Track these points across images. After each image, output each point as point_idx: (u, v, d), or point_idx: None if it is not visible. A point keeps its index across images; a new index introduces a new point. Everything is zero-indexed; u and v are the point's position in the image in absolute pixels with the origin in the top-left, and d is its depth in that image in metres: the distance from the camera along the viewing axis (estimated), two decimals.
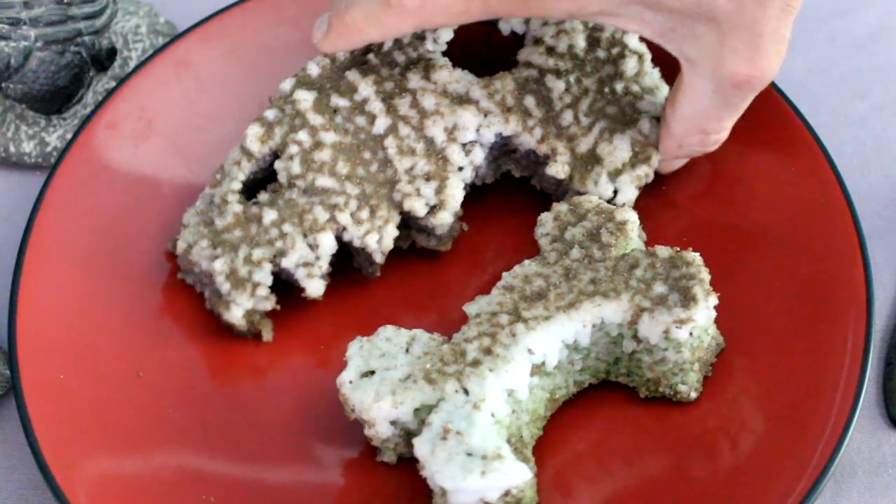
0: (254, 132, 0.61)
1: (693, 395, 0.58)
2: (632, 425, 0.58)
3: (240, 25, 0.69)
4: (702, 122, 0.59)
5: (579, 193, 0.62)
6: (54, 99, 0.69)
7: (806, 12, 0.75)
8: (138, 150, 0.66)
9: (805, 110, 0.69)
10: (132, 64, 0.72)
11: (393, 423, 0.56)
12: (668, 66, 0.62)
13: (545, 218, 0.60)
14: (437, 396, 0.55)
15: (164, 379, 0.60)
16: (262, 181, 0.62)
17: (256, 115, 0.63)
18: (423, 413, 0.55)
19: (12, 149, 0.70)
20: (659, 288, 0.56)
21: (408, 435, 0.56)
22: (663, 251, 0.58)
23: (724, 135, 0.61)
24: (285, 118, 0.62)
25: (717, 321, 0.58)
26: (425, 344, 0.57)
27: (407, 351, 0.56)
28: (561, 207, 0.60)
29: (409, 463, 0.57)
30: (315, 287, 0.60)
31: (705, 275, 0.56)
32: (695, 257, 0.57)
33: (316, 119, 0.61)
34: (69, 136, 0.69)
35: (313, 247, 0.60)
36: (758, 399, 0.58)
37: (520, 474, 0.52)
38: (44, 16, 0.67)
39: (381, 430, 0.56)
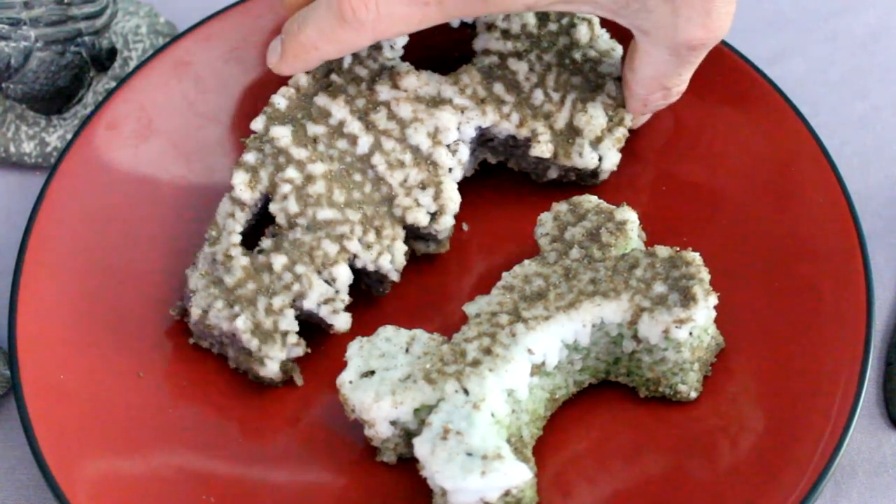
0: (240, 179, 0.60)
1: (693, 395, 0.58)
2: (632, 425, 0.58)
3: (240, 25, 0.69)
4: (662, 80, 0.62)
5: (560, 167, 0.63)
6: (54, 99, 0.68)
7: (806, 12, 0.75)
8: (138, 150, 0.66)
9: (805, 110, 0.69)
10: (132, 64, 0.72)
11: (393, 423, 0.56)
12: (615, 26, 0.64)
13: (545, 218, 0.60)
14: (437, 396, 0.55)
15: (164, 379, 0.60)
16: (256, 226, 0.61)
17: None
18: (423, 413, 0.55)
19: (12, 149, 0.70)
20: (659, 288, 0.56)
21: (408, 435, 0.56)
22: (663, 251, 0.57)
23: (684, 86, 0.63)
24: (267, 158, 0.60)
25: (717, 321, 0.58)
26: (425, 344, 0.57)
27: (407, 351, 0.56)
28: (560, 207, 0.60)
29: (409, 463, 0.57)
30: (342, 321, 0.59)
31: (705, 274, 0.56)
32: (694, 257, 0.57)
33: (300, 153, 0.60)
34: (69, 136, 0.69)
35: (330, 282, 0.59)
36: (758, 399, 0.58)
37: (520, 474, 0.52)
38: (44, 16, 0.67)
39: (381, 430, 0.56)
